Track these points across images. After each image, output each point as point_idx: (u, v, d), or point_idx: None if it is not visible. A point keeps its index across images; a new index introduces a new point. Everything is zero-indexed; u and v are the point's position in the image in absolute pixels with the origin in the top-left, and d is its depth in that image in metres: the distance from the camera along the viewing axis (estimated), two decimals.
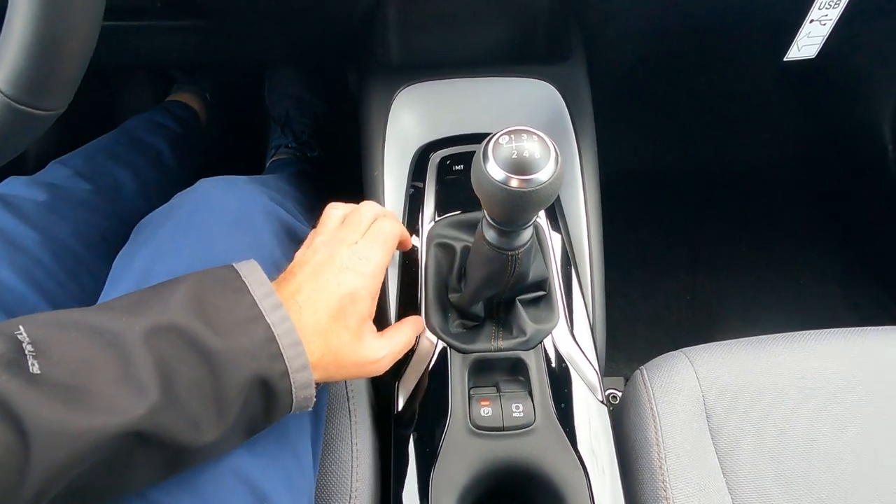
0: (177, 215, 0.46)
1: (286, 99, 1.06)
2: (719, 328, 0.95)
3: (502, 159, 0.33)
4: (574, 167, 0.57)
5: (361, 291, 0.40)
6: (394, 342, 0.44)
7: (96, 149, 0.76)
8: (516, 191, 0.32)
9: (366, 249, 0.42)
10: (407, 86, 0.59)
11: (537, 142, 0.33)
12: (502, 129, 0.34)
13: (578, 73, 0.59)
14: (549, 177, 0.32)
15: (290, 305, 0.37)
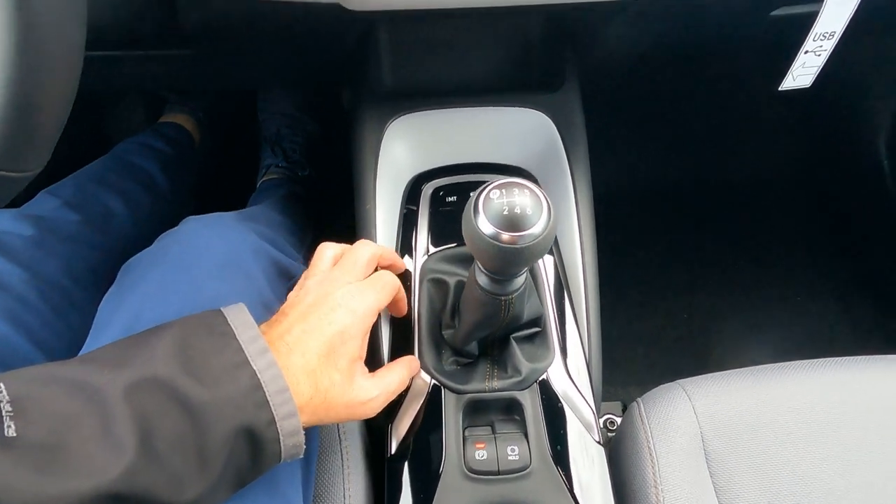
0: (164, 259, 0.45)
1: (278, 117, 1.05)
2: (717, 347, 0.95)
3: (493, 214, 0.32)
4: (568, 197, 0.56)
5: (352, 330, 0.39)
6: (386, 382, 0.43)
7: (87, 176, 0.75)
8: (508, 247, 0.32)
9: (359, 290, 0.41)
10: (399, 116, 0.58)
11: (529, 196, 0.32)
12: (493, 182, 0.33)
13: (572, 102, 0.59)
14: (542, 232, 0.32)
15: (279, 346, 0.37)
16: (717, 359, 0.94)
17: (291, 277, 0.51)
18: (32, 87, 0.26)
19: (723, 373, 0.58)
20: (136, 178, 0.80)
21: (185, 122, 1.00)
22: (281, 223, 0.64)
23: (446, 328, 0.51)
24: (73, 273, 0.59)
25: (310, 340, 0.37)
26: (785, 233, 1.04)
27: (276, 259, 0.50)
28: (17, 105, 0.26)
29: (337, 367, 0.38)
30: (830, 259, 1.01)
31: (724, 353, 0.95)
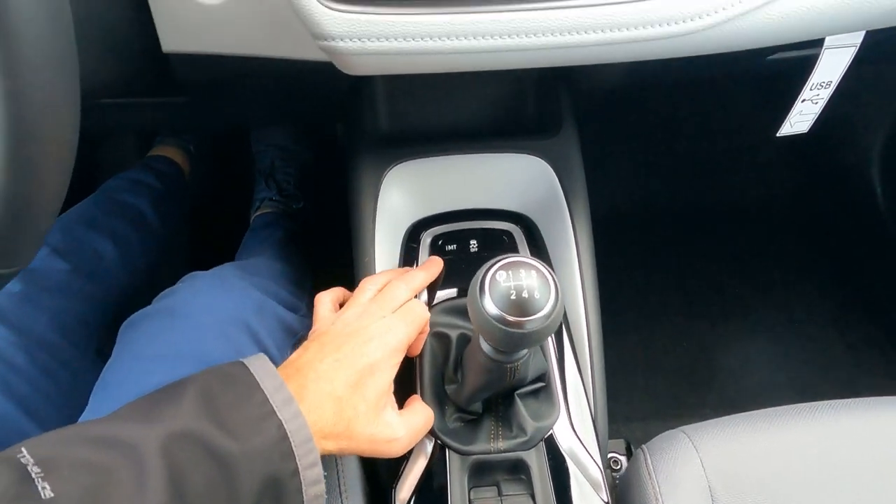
0: (171, 322, 0.44)
1: (272, 149, 1.04)
2: (717, 375, 0.94)
3: (499, 297, 0.31)
4: (569, 243, 0.56)
5: (383, 364, 0.40)
6: (414, 422, 0.43)
7: (75, 218, 0.73)
8: (514, 331, 0.31)
9: (393, 323, 0.42)
10: (397, 164, 0.58)
11: (536, 278, 0.32)
12: (499, 262, 0.33)
13: (570, 147, 0.58)
14: (550, 315, 0.31)
15: (307, 373, 0.37)
16: (717, 388, 0.93)
17: (296, 333, 0.51)
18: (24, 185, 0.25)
19: (728, 418, 0.58)
20: (126, 216, 0.79)
21: (176, 154, 0.99)
22: (282, 273, 0.63)
23: (449, 383, 0.51)
24: (63, 328, 0.58)
25: (340, 370, 0.38)
26: (781, 257, 1.04)
27: (281, 316, 0.49)
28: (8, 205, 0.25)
29: (364, 397, 0.38)
30: (827, 284, 1.01)
31: (724, 381, 0.94)
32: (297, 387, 0.37)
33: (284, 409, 0.34)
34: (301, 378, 0.38)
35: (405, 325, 0.43)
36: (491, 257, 0.57)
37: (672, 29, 0.35)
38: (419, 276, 0.49)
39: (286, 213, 0.96)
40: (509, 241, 0.57)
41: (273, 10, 0.40)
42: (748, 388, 0.93)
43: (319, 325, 0.45)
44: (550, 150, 0.58)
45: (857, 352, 0.96)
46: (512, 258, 0.33)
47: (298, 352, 0.41)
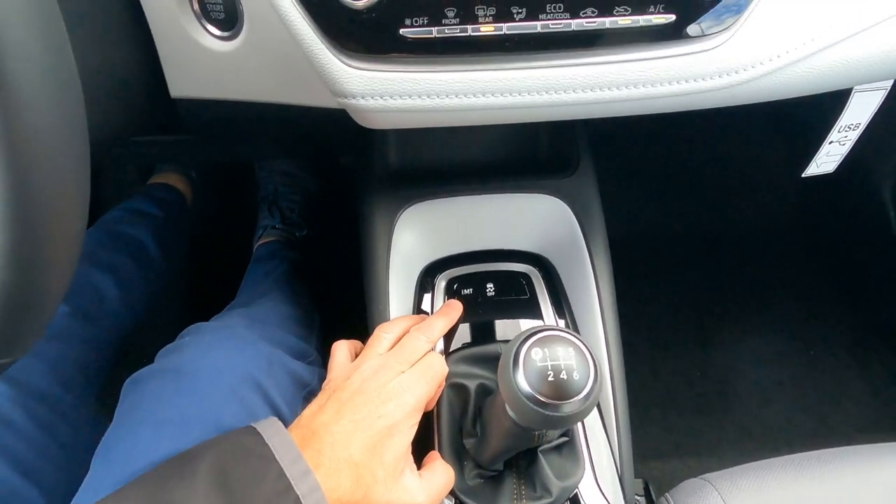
0: (176, 384, 0.42)
1: (276, 176, 1.02)
2: (734, 405, 0.92)
3: (535, 376, 0.29)
4: (589, 289, 0.54)
5: (401, 425, 0.38)
6: (434, 484, 0.40)
7: None
8: (550, 413, 0.29)
9: (412, 381, 0.40)
10: (409, 205, 0.56)
11: (574, 355, 0.30)
12: (533, 336, 0.31)
13: (588, 186, 0.57)
14: (588, 397, 0.29)
15: (324, 437, 0.36)
16: (734, 419, 0.91)
17: (306, 385, 0.49)
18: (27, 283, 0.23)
19: (754, 466, 0.56)
20: (127, 250, 0.76)
21: (177, 181, 0.97)
22: (289, 316, 0.61)
23: (468, 437, 0.48)
24: (62, 377, 0.55)
25: (357, 432, 0.36)
26: (796, 285, 1.03)
27: (291, 369, 0.47)
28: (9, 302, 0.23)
29: (382, 462, 0.37)
30: (842, 312, 1.00)
31: (741, 412, 0.92)
32: (314, 452, 0.36)
33: (301, 484, 0.33)
34: (317, 443, 0.36)
35: (424, 383, 0.41)
36: (509, 302, 0.56)
37: (709, 84, 0.33)
38: (438, 324, 0.47)
39: (289, 241, 0.94)
40: (527, 283, 0.56)
41: (287, 59, 0.38)
42: (765, 420, 0.91)
43: (334, 374, 0.43)
44: (568, 189, 0.56)
45: (873, 382, 0.94)
46: (548, 332, 0.31)
47: (313, 408, 0.39)
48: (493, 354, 0.51)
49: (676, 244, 1.05)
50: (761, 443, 0.88)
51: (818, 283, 1.03)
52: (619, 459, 0.49)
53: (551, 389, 0.29)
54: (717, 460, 0.84)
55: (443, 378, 0.44)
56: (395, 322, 0.47)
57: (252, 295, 0.68)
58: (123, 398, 0.44)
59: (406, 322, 0.48)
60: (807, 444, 0.86)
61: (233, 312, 0.53)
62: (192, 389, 0.41)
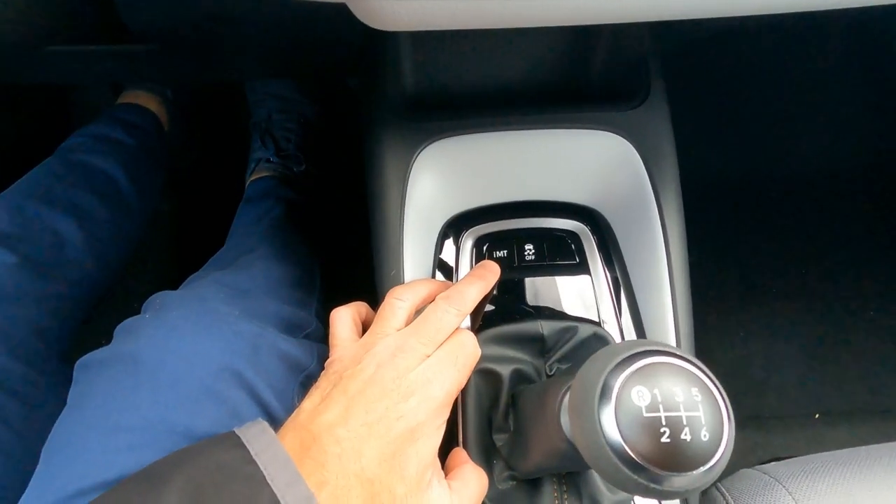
0: (133, 378, 0.33)
1: (269, 99, 0.88)
2: (777, 371, 0.84)
3: (638, 429, 0.19)
4: (656, 254, 0.43)
5: (427, 426, 0.30)
6: (465, 497, 0.32)
7: (25, 192, 0.60)
8: (654, 487, 0.19)
9: (440, 368, 0.31)
10: (430, 142, 0.44)
11: (701, 400, 0.19)
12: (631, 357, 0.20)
13: (660, 121, 0.44)
14: (716, 465, 0.19)
15: (327, 444, 0.28)
16: (776, 387, 0.83)
17: (303, 369, 0.39)
18: None
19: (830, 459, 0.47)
20: (91, 184, 0.65)
21: (150, 102, 0.83)
22: (283, 277, 0.51)
23: (498, 432, 0.40)
24: (10, 344, 0.46)
25: (371, 438, 0.29)
26: (854, 240, 0.91)
27: (283, 352, 0.38)
28: None
29: (403, 475, 0.29)
30: None
31: (784, 379, 0.84)
32: (316, 466, 0.27)
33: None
34: (320, 453, 0.28)
35: (455, 370, 0.32)
36: (552, 269, 0.46)
37: None
38: (470, 291, 0.36)
39: (285, 178, 0.82)
40: (576, 245, 0.45)
41: None
42: (813, 388, 0.83)
43: (339, 354, 0.33)
44: (633, 124, 0.44)
45: None
46: (656, 357, 0.20)
47: (314, 400, 0.30)
48: (531, 334, 0.41)
49: (725, 191, 0.92)
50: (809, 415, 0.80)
51: (883, 236, 0.91)
52: None
53: (663, 454, 0.19)
54: (762, 434, 0.77)
55: (474, 364, 0.35)
56: (414, 286, 0.37)
57: (239, 248, 0.57)
58: (74, 385, 0.35)
59: (427, 287, 0.37)
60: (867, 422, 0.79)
61: (208, 279, 0.43)
62: (152, 385, 0.32)
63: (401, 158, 0.43)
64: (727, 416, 0.20)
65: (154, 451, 0.30)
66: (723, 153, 0.94)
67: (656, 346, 0.20)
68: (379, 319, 0.35)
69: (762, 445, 0.76)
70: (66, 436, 0.32)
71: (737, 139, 0.94)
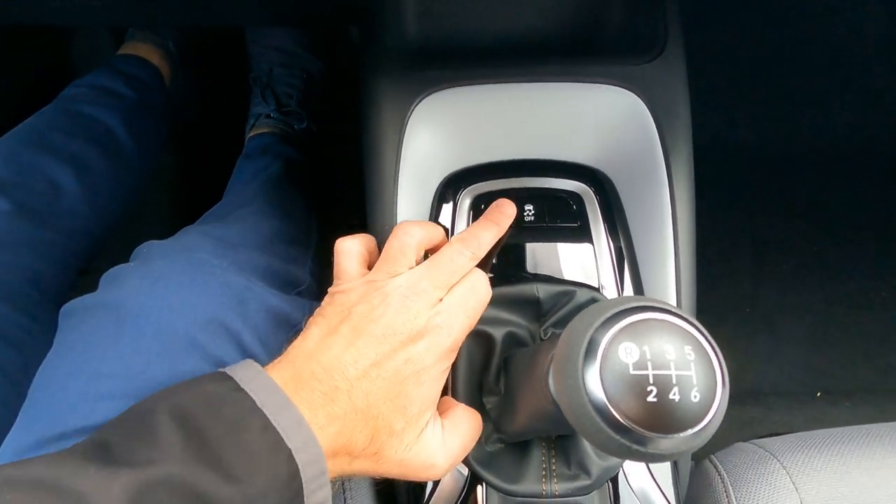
0: (116, 326, 0.32)
1: (271, 53, 0.86)
2: (782, 349, 0.82)
3: (624, 391, 0.18)
4: (663, 220, 0.41)
5: (434, 371, 0.31)
6: (459, 439, 0.32)
7: (22, 140, 0.59)
8: (639, 449, 0.18)
9: (451, 313, 0.31)
10: (428, 93, 0.42)
11: (694, 358, 0.18)
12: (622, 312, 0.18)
13: (675, 78, 0.41)
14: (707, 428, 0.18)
15: (337, 379, 0.29)
16: (780, 365, 0.82)
17: (293, 325, 0.39)
18: None
19: (828, 436, 0.46)
20: (89, 135, 0.64)
21: (152, 54, 0.81)
22: (277, 232, 0.49)
23: (488, 394, 0.39)
24: (4, 291, 0.46)
25: (379, 379, 0.29)
26: (877, 218, 0.87)
27: (271, 306, 0.37)
28: None
29: (405, 413, 0.30)
30: None
31: (790, 358, 0.82)
32: (325, 400, 0.28)
33: (294, 436, 0.26)
34: (330, 388, 0.28)
35: (465, 316, 0.32)
36: (552, 231, 0.44)
37: None
38: (485, 235, 0.35)
39: (286, 135, 0.80)
40: (578, 207, 0.43)
41: None
42: (818, 365, 0.81)
43: (346, 288, 0.32)
44: (647, 79, 0.41)
45: None
46: (649, 314, 0.18)
47: (321, 329, 0.30)
48: (526, 297, 0.40)
49: (743, 162, 0.89)
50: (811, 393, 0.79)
51: None
52: None
53: (649, 414, 0.17)
54: (761, 409, 0.76)
55: (484, 306, 0.34)
56: (425, 224, 0.35)
57: (233, 203, 0.56)
58: (59, 331, 0.35)
59: (437, 228, 0.36)
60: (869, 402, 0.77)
61: (197, 230, 0.42)
62: (136, 334, 0.31)
63: (397, 109, 0.41)
64: (721, 379, 0.19)
65: (135, 399, 0.29)
66: (743, 122, 0.90)
67: (650, 303, 0.19)
68: (388, 257, 0.33)
69: (760, 421, 0.76)
70: (49, 379, 0.32)
71: (760, 108, 0.90)
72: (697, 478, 0.46)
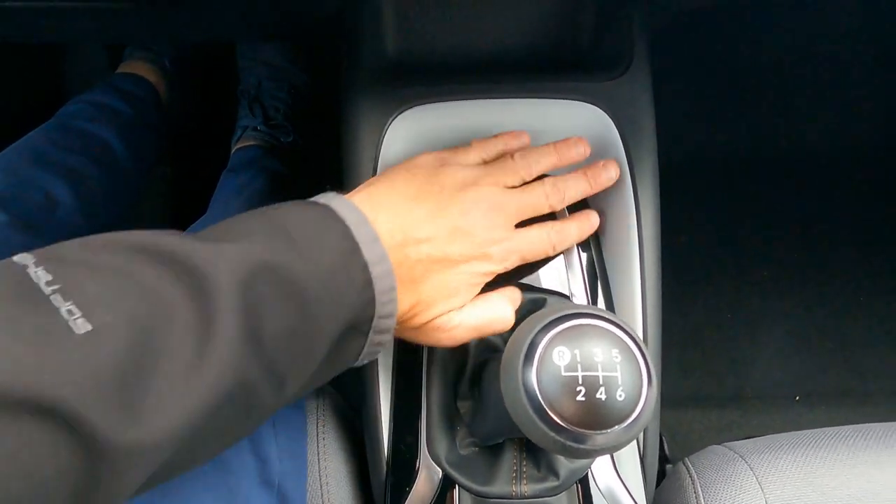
0: None
1: (259, 66, 0.88)
2: (763, 353, 0.84)
3: (556, 388, 0.19)
4: (627, 227, 0.42)
5: (475, 285, 0.35)
6: (484, 313, 0.36)
7: (20, 154, 0.61)
8: (572, 445, 0.19)
9: (511, 251, 0.36)
10: (405, 108, 0.43)
11: (620, 361, 0.19)
12: (556, 321, 0.20)
13: (640, 94, 0.43)
14: (635, 424, 0.19)
15: (408, 248, 0.32)
16: (762, 369, 0.83)
17: None
18: None
19: (796, 438, 0.48)
20: (86, 150, 0.65)
21: (148, 72, 0.83)
22: None
23: (462, 399, 0.41)
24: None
25: (434, 271, 0.32)
26: (855, 226, 0.89)
27: None
28: None
29: (448, 296, 0.33)
30: None
31: (770, 363, 0.84)
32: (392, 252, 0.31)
33: (370, 249, 0.29)
34: (398, 248, 0.31)
35: (518, 257, 0.36)
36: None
37: None
38: (573, 187, 0.40)
39: (272, 148, 0.81)
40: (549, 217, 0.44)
41: None
42: (797, 370, 0.83)
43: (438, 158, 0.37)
44: (613, 95, 0.43)
45: None
46: (580, 319, 0.20)
47: (407, 187, 0.34)
48: None
49: (722, 169, 0.91)
50: (790, 397, 0.81)
51: (882, 228, 0.89)
52: (643, 437, 0.41)
53: (580, 413, 0.19)
54: (741, 413, 0.78)
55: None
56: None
57: (216, 218, 0.58)
58: None
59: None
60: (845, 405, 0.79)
61: None
62: None
63: (374, 124, 0.43)
64: (647, 378, 0.20)
65: None
66: (722, 133, 0.92)
67: (586, 310, 0.21)
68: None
69: (739, 424, 0.77)
70: None
71: (737, 118, 0.92)
72: (671, 479, 0.47)
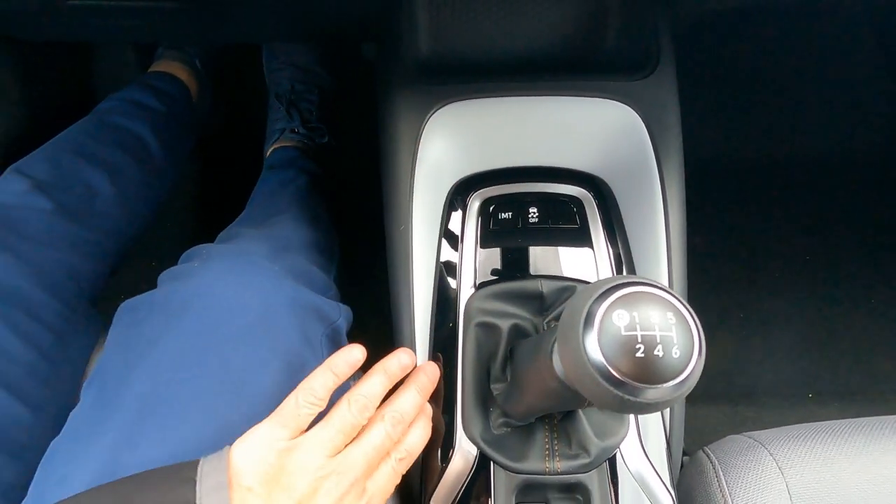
0: (182, 318, 0.35)
1: (290, 70, 0.90)
2: (775, 353, 0.85)
3: (616, 347, 0.21)
4: (655, 223, 0.44)
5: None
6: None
7: (62, 147, 0.63)
8: (629, 398, 0.21)
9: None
10: (442, 105, 0.45)
11: (675, 324, 0.21)
12: (615, 287, 0.22)
13: (667, 93, 0.45)
14: (686, 381, 0.21)
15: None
16: (773, 368, 0.85)
17: (331, 323, 0.42)
18: None
19: (814, 428, 0.49)
20: (123, 144, 0.68)
21: (180, 71, 0.86)
22: (310, 242, 0.53)
23: (495, 381, 0.42)
24: (46, 282, 0.49)
25: None
26: (861, 224, 0.91)
27: (315, 305, 0.41)
28: None
29: None
30: None
31: (780, 362, 0.85)
32: None
33: None
34: None
35: None
36: (554, 232, 0.47)
37: None
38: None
39: (308, 149, 0.84)
40: (578, 210, 0.46)
41: None
42: (810, 369, 0.84)
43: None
44: (641, 94, 0.45)
45: None
46: (638, 287, 0.22)
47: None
48: (530, 292, 0.43)
49: (735, 174, 0.93)
50: (802, 395, 0.82)
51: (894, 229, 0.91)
52: (669, 419, 0.43)
53: (638, 368, 0.21)
54: (754, 410, 0.79)
55: None
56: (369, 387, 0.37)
57: (267, 209, 0.60)
58: (116, 325, 0.38)
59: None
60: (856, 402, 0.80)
61: (249, 234, 0.46)
62: (197, 329, 0.35)
63: (413, 120, 0.45)
64: (698, 339, 0.22)
65: (194, 387, 0.33)
66: (734, 136, 0.94)
67: (640, 279, 0.23)
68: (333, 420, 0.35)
69: (753, 420, 0.78)
70: (109, 371, 0.35)
71: (749, 122, 0.94)
72: (691, 467, 0.49)
